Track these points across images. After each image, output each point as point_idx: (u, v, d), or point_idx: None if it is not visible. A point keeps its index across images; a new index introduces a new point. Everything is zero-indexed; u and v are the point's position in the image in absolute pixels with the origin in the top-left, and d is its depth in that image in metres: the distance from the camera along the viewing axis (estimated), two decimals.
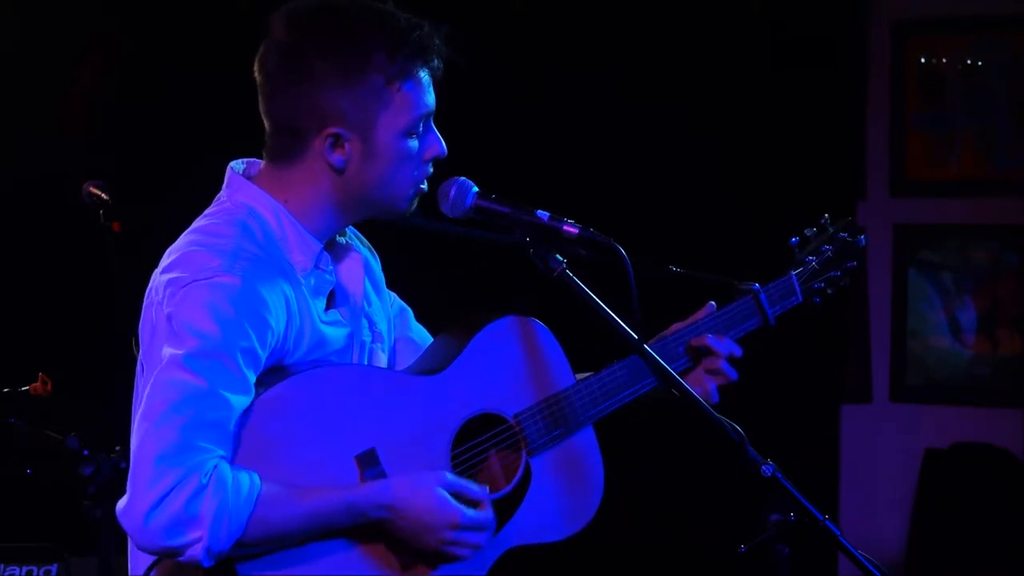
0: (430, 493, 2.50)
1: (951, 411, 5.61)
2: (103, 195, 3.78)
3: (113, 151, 4.89)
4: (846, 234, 2.99)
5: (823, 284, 2.97)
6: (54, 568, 4.06)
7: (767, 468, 2.43)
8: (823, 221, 3.01)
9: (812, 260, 2.96)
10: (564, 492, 2.71)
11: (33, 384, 3.99)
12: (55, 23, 5.02)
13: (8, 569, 4.04)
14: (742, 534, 2.49)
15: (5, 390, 4.00)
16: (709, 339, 2.83)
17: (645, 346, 2.55)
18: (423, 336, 2.88)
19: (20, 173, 4.99)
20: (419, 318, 2.92)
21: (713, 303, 2.88)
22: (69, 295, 4.85)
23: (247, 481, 2.38)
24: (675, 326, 2.87)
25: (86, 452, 3.78)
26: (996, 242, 5.60)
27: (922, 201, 5.68)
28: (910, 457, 5.50)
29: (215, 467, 2.35)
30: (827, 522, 2.43)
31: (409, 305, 2.92)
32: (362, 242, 2.78)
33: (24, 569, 4.05)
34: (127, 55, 5.10)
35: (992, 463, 5.41)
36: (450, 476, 2.54)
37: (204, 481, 2.33)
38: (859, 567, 2.43)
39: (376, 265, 2.80)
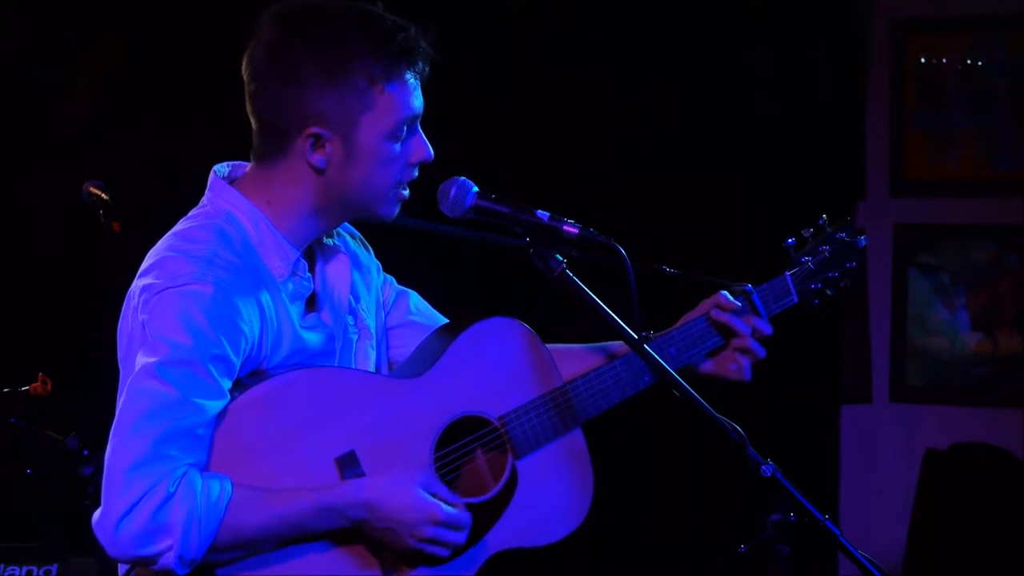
0: (407, 490, 2.50)
1: (951, 411, 5.61)
2: (103, 195, 3.78)
3: (113, 151, 4.89)
4: (844, 234, 2.97)
5: (820, 285, 2.94)
6: (54, 568, 4.06)
7: (767, 468, 2.43)
8: (821, 222, 2.98)
9: (808, 260, 2.93)
10: (552, 495, 2.70)
11: (33, 384, 3.99)
12: (55, 23, 5.01)
13: (8, 569, 4.04)
14: (742, 534, 2.49)
15: (5, 390, 4.00)
16: (730, 318, 2.82)
17: (645, 346, 2.55)
18: (430, 316, 2.86)
19: (20, 173, 4.98)
20: None
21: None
22: (69, 295, 4.85)
23: (217, 487, 2.38)
24: (681, 319, 2.87)
25: (86, 452, 3.79)
26: (996, 242, 5.60)
27: (922, 201, 5.67)
28: (910, 457, 5.49)
29: (184, 475, 2.36)
30: (827, 522, 2.43)
31: None
32: (352, 236, 2.78)
33: (24, 569, 4.05)
34: (127, 55, 5.09)
35: (992, 463, 5.41)
36: (424, 476, 2.54)
37: (172, 489, 2.34)
38: (859, 567, 2.42)
39: (366, 258, 2.79)
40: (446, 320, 2.84)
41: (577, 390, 2.73)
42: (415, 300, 2.88)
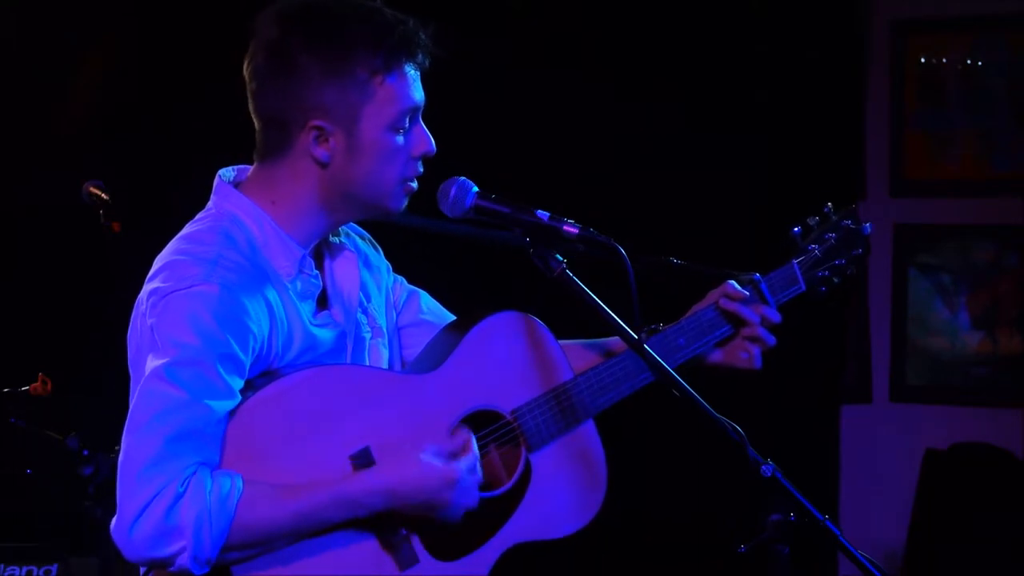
0: (417, 462, 2.49)
1: (951, 411, 5.61)
2: (103, 195, 3.78)
3: (113, 151, 4.89)
4: (850, 222, 2.97)
5: (828, 272, 2.94)
6: (54, 568, 4.06)
7: (767, 468, 2.43)
8: (826, 210, 2.99)
9: (815, 248, 2.94)
10: (566, 488, 2.70)
11: (33, 384, 3.99)
12: (55, 23, 5.01)
13: (8, 569, 4.04)
14: (742, 534, 2.49)
15: (5, 390, 4.00)
16: (739, 307, 2.82)
17: (645, 346, 2.54)
18: (441, 315, 2.87)
19: (20, 173, 4.98)
20: None
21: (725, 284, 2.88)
22: (69, 295, 4.85)
23: (228, 484, 2.37)
24: (690, 310, 2.87)
25: (86, 452, 3.79)
26: (996, 242, 5.60)
27: (922, 201, 5.68)
28: (910, 457, 5.49)
29: (193, 474, 2.36)
30: (827, 522, 2.42)
31: None
32: (361, 237, 2.78)
33: (24, 569, 4.05)
34: (127, 55, 5.09)
35: (992, 463, 5.41)
36: (430, 446, 2.52)
37: (181, 489, 2.34)
38: (859, 567, 2.42)
39: (376, 258, 2.80)
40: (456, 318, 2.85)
41: (588, 382, 2.73)
42: (426, 300, 2.88)
